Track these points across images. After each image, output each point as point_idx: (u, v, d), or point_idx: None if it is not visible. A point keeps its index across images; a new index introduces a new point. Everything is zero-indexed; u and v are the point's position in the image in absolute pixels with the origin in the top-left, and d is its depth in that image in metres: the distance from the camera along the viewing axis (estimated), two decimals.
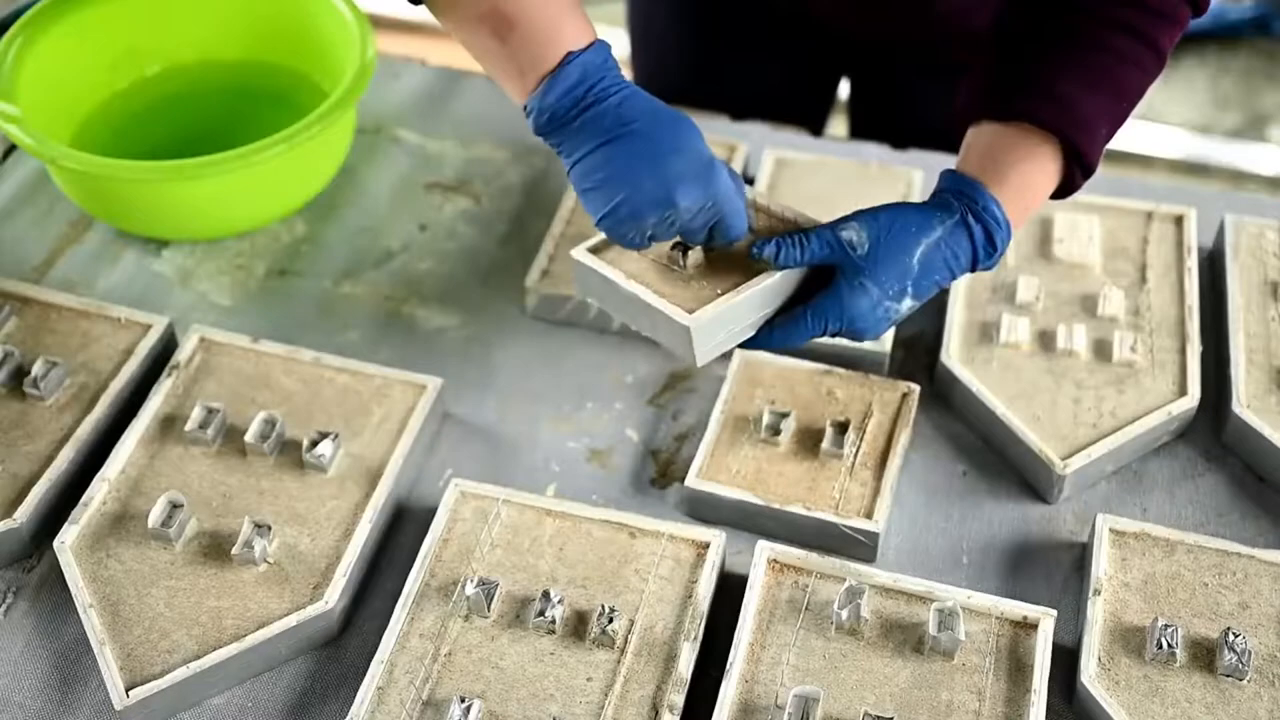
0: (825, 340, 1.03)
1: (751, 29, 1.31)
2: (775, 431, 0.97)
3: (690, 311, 0.88)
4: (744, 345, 0.92)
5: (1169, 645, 0.85)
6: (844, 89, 1.45)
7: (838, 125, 1.63)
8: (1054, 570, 0.95)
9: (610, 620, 0.86)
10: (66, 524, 0.92)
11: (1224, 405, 1.01)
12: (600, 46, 0.87)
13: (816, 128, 1.40)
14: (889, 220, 0.89)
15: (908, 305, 0.90)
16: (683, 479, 0.98)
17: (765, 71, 1.33)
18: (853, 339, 0.91)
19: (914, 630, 0.86)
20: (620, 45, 1.47)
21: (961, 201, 0.90)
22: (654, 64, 1.41)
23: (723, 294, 0.89)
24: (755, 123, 1.25)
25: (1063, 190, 0.94)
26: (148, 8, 1.23)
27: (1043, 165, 0.91)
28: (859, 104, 1.42)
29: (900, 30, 1.22)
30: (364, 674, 0.85)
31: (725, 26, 1.31)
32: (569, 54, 0.85)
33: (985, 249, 0.91)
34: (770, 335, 0.92)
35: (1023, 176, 0.91)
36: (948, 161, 1.21)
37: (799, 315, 0.90)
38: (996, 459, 1.01)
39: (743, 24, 1.31)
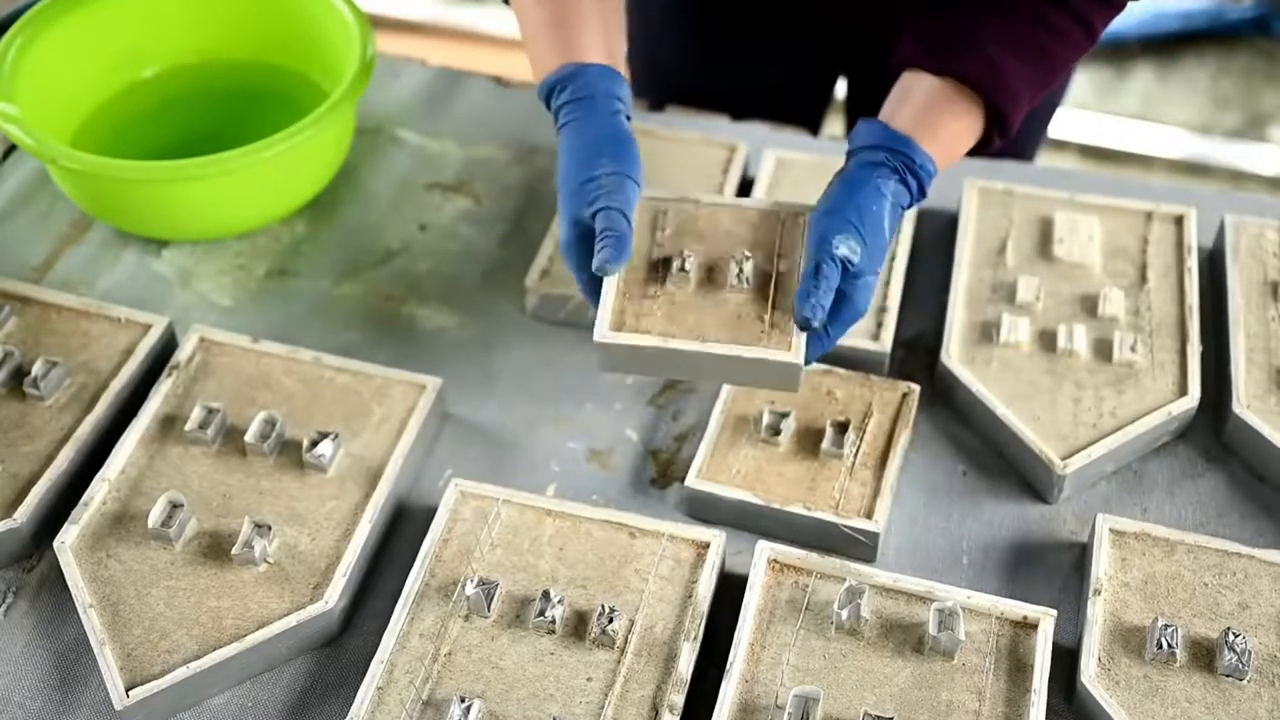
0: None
1: (748, 27, 1.31)
2: (775, 431, 0.97)
3: (789, 348, 0.88)
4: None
5: (1169, 645, 0.85)
6: (841, 89, 1.45)
7: (835, 125, 1.63)
8: (1054, 570, 0.95)
9: (610, 620, 0.86)
10: (66, 524, 0.92)
11: (1224, 405, 1.01)
12: (568, 70, 0.95)
13: (814, 126, 1.40)
14: (860, 215, 0.91)
15: None
16: (683, 479, 0.98)
17: (762, 70, 1.33)
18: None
19: (914, 630, 0.86)
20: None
21: (897, 159, 0.93)
22: (651, 62, 1.41)
23: (777, 325, 0.90)
24: (755, 123, 1.25)
25: (977, 149, 0.99)
26: (147, 8, 1.23)
27: (969, 124, 0.96)
28: (856, 103, 1.42)
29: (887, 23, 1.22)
30: (364, 674, 0.85)
31: (721, 24, 1.31)
32: (546, 77, 0.96)
33: (918, 197, 0.95)
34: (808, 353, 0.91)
35: (952, 134, 0.96)
36: None
37: (822, 336, 0.91)
38: (996, 459, 1.01)
39: (739, 22, 1.31)
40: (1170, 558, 0.91)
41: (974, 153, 1.00)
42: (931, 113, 0.95)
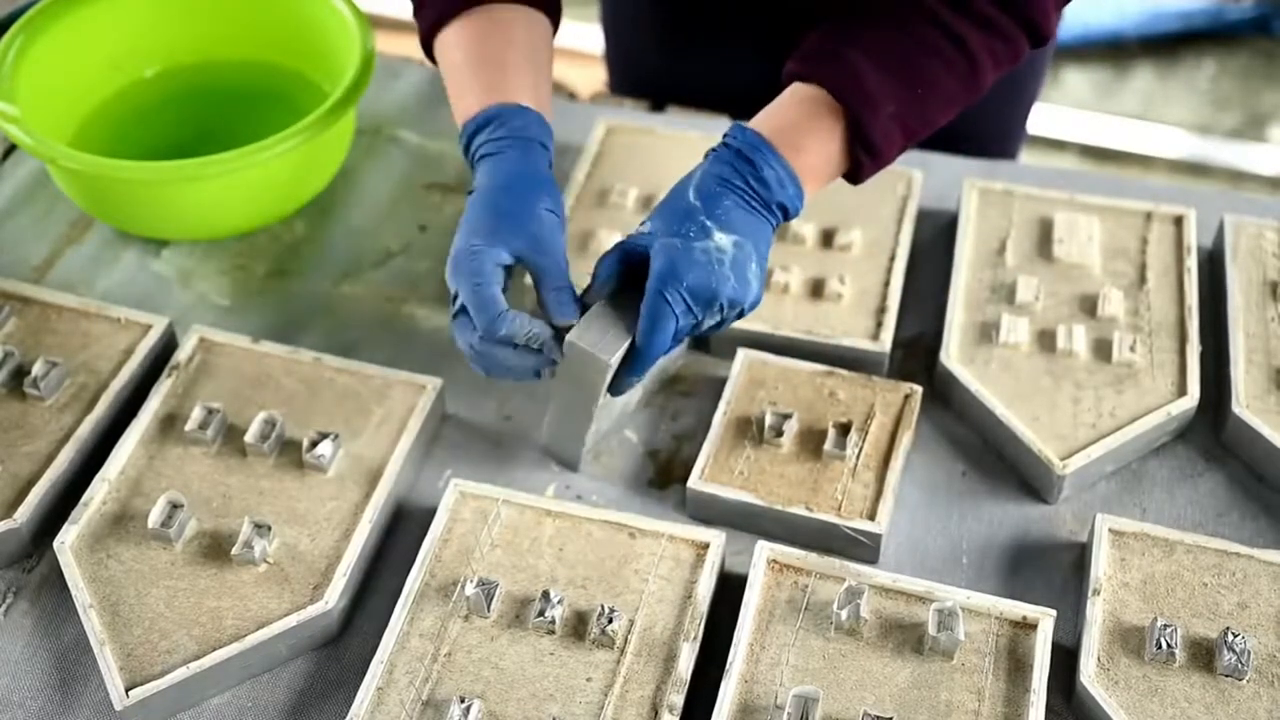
0: (819, 339, 1.04)
1: (718, 17, 1.30)
2: (778, 433, 0.97)
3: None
4: (632, 369, 0.92)
5: (1168, 645, 0.85)
6: None
7: None
8: (1054, 570, 0.95)
9: (610, 620, 0.86)
10: (66, 524, 0.92)
11: (1223, 405, 1.02)
12: (493, 111, 0.96)
13: None
14: (662, 198, 0.93)
15: (729, 240, 0.89)
16: (682, 479, 0.98)
17: (735, 61, 1.33)
18: (718, 299, 0.89)
19: (913, 630, 0.87)
20: (596, 40, 1.47)
21: (721, 140, 0.94)
22: (625, 58, 1.41)
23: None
24: None
25: (853, 170, 0.96)
26: (147, 8, 1.23)
27: (818, 122, 0.93)
28: None
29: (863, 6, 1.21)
30: (364, 674, 0.85)
31: (692, 15, 1.31)
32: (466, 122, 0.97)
33: (749, 171, 0.91)
34: (644, 343, 0.89)
35: (794, 126, 0.93)
36: (949, 161, 1.22)
37: (647, 302, 0.88)
38: (996, 459, 1.01)
39: (709, 12, 1.30)
40: (1169, 558, 0.91)
41: (851, 176, 0.96)
42: (784, 111, 0.94)
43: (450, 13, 1.00)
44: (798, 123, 0.93)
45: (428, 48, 1.03)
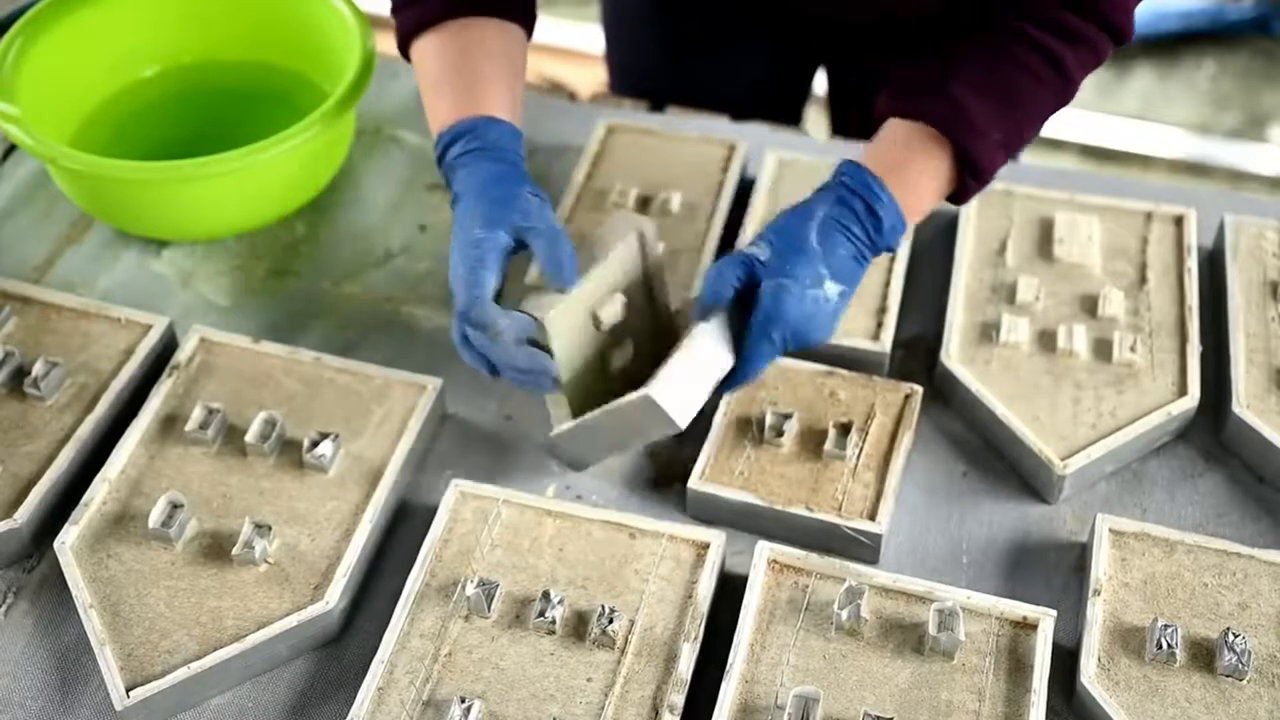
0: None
1: (720, 19, 1.30)
2: (778, 433, 0.97)
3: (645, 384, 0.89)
4: (722, 389, 0.94)
5: (1169, 645, 0.85)
6: (822, 86, 1.44)
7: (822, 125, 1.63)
8: (1054, 570, 0.95)
9: (610, 620, 0.86)
10: (67, 524, 0.92)
11: (1224, 405, 1.02)
12: (466, 124, 0.97)
13: (794, 120, 1.40)
14: (779, 221, 0.94)
15: (836, 290, 0.93)
16: (682, 479, 0.98)
17: (737, 63, 1.33)
18: (810, 343, 0.93)
19: (914, 630, 0.87)
20: (596, 40, 1.47)
21: (837, 178, 0.95)
22: (626, 58, 1.41)
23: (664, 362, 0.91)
24: (755, 123, 1.25)
25: (958, 194, 0.98)
26: (147, 8, 1.23)
27: (929, 158, 0.96)
28: (837, 98, 1.42)
29: (863, 10, 1.21)
30: (364, 674, 0.86)
31: (694, 17, 1.31)
32: (440, 132, 0.98)
33: (869, 219, 0.94)
34: (739, 370, 0.93)
35: (905, 165, 0.96)
36: None
37: (752, 338, 0.92)
38: (996, 459, 1.01)
39: (711, 14, 1.30)
40: (1170, 558, 0.91)
41: (955, 199, 0.99)
42: (893, 150, 0.96)
43: (428, 22, 1.01)
44: (908, 161, 0.96)
45: (403, 49, 1.05)
